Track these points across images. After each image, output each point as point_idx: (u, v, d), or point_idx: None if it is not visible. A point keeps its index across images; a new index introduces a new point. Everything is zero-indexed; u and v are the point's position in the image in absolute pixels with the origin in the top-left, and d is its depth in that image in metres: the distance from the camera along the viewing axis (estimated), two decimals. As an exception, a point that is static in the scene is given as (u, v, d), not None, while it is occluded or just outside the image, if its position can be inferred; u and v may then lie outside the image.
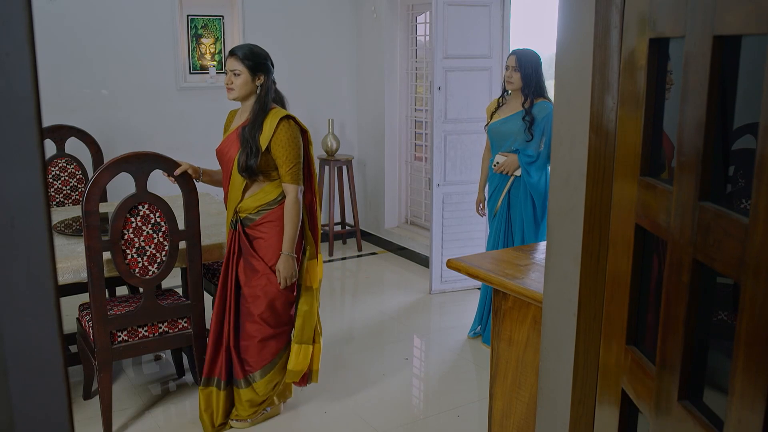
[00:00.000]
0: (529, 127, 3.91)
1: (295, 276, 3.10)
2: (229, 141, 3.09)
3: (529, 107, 3.93)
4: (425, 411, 3.52)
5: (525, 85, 3.91)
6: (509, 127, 3.98)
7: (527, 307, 2.16)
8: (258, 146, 2.96)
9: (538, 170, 3.92)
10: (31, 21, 0.55)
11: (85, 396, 3.49)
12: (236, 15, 5.71)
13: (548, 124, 3.83)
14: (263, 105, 3.02)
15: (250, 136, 2.97)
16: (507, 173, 3.97)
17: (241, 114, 3.14)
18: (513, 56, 3.94)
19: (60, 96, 5.00)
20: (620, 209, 1.29)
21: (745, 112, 0.97)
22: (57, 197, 4.32)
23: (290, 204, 3.04)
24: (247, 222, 3.08)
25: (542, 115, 3.91)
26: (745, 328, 0.84)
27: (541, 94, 3.95)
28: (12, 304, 0.57)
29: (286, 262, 3.06)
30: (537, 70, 3.92)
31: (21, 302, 0.58)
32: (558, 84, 1.53)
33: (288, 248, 3.06)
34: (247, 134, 2.98)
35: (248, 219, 3.08)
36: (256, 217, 3.07)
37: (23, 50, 0.55)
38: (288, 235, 3.05)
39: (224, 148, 3.09)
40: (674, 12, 1.05)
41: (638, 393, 1.19)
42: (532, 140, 3.90)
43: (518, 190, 3.98)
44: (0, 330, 0.57)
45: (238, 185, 3.05)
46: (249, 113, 3.04)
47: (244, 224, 3.09)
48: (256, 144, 2.96)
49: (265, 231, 3.07)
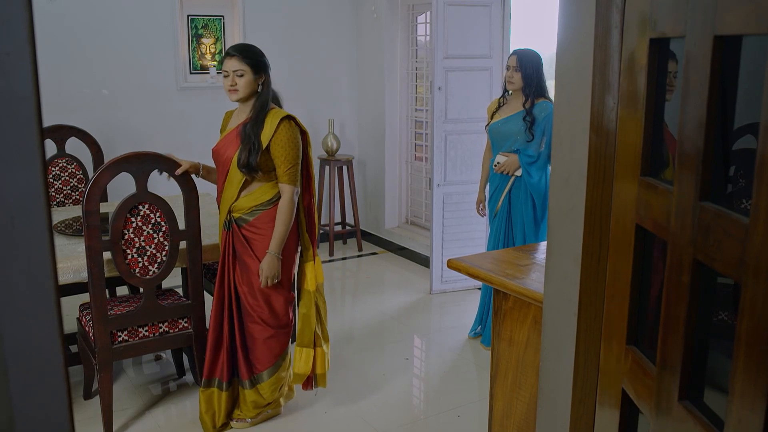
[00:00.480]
0: (529, 128, 3.90)
1: (278, 276, 3.06)
2: (227, 140, 3.08)
3: (530, 107, 3.92)
4: (425, 411, 3.52)
5: (526, 86, 3.90)
6: (510, 127, 3.97)
7: (528, 307, 2.16)
8: (260, 143, 2.95)
9: (538, 170, 3.91)
10: (31, 21, 0.55)
11: (85, 396, 3.49)
12: (236, 15, 5.71)
13: (549, 125, 3.82)
14: (264, 103, 3.01)
15: (252, 132, 2.96)
16: (508, 173, 3.97)
17: (238, 114, 3.13)
18: (514, 56, 3.93)
19: (60, 96, 5.00)
20: (621, 209, 1.29)
21: (746, 112, 0.97)
22: (57, 197, 4.32)
23: (285, 204, 3.01)
24: (240, 222, 3.06)
25: (543, 115, 3.90)
26: (746, 328, 0.84)
27: (541, 94, 3.94)
28: (12, 303, 0.57)
29: (270, 262, 3.02)
30: (538, 71, 3.92)
31: (21, 302, 0.58)
32: (558, 84, 1.53)
33: (275, 248, 3.02)
34: (249, 130, 2.97)
35: (242, 219, 3.06)
36: (250, 218, 3.05)
37: (24, 50, 0.55)
38: (278, 235, 3.02)
39: (222, 147, 3.08)
40: (675, 12, 1.05)
41: (639, 393, 1.19)
42: (532, 140, 3.89)
43: (519, 190, 3.97)
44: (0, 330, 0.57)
45: (235, 183, 3.02)
46: (250, 112, 3.02)
47: (238, 224, 3.07)
48: (258, 140, 2.95)
49: (261, 231, 3.05)
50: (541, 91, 3.93)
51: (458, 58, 4.95)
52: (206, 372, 3.15)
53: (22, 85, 0.55)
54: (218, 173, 3.15)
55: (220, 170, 3.11)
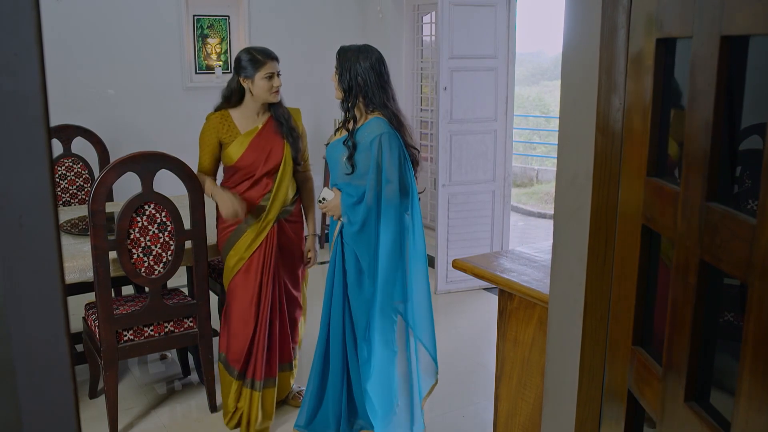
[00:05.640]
0: (350, 156, 2.79)
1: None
2: (267, 141, 3.11)
3: (352, 127, 2.81)
4: (430, 411, 3.51)
5: (346, 94, 2.81)
6: (335, 155, 2.88)
7: (533, 307, 2.16)
8: (297, 133, 3.18)
9: (362, 215, 2.78)
10: (39, 21, 0.55)
11: (90, 395, 3.50)
12: (242, 15, 5.72)
13: (383, 152, 2.73)
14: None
15: (288, 124, 3.15)
16: (333, 217, 2.94)
17: (248, 115, 3.14)
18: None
19: (66, 95, 5.02)
20: (627, 210, 1.29)
21: (753, 113, 0.97)
22: (63, 197, 4.34)
23: (312, 188, 3.34)
24: (284, 215, 3.19)
25: (369, 139, 2.75)
26: (753, 329, 0.84)
27: (376, 108, 2.79)
28: (20, 303, 0.58)
29: (314, 242, 3.33)
30: (363, 73, 2.77)
31: (29, 301, 0.58)
32: (564, 84, 1.53)
33: (314, 228, 3.34)
34: (286, 124, 3.14)
35: (285, 211, 3.20)
36: (291, 208, 3.23)
37: (31, 51, 0.55)
38: (312, 215, 3.34)
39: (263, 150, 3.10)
40: (681, 12, 1.05)
41: (644, 394, 1.19)
42: (352, 173, 2.79)
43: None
44: (8, 329, 0.57)
45: (288, 178, 3.18)
46: (270, 110, 3.15)
47: (284, 217, 3.19)
48: (296, 131, 3.18)
49: (298, 217, 3.29)
50: (373, 103, 2.78)
51: (463, 58, 4.94)
52: (264, 372, 3.19)
53: (30, 85, 0.56)
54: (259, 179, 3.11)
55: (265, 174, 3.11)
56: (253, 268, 3.13)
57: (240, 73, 3.08)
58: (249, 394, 3.18)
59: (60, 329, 0.59)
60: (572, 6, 1.47)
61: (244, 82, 3.08)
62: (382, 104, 2.78)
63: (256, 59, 3.05)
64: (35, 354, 0.59)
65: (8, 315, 0.57)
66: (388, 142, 2.73)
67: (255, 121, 3.14)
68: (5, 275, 0.57)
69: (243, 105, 3.13)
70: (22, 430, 0.59)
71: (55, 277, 0.59)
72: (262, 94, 3.07)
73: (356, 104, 2.80)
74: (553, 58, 16.69)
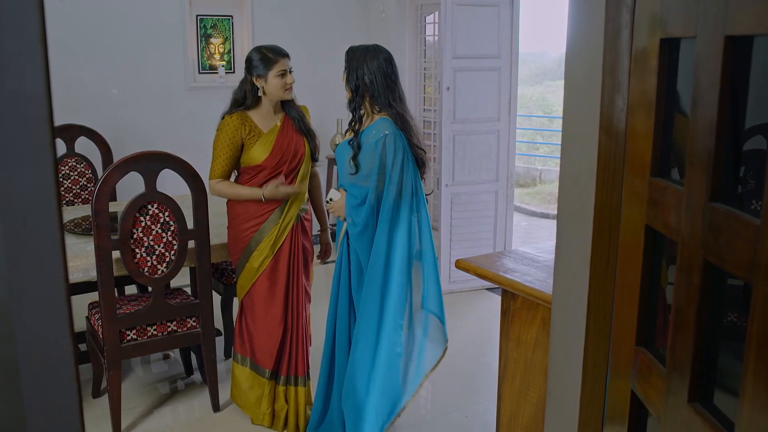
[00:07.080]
0: (354, 156, 2.80)
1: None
2: (289, 140, 3.11)
3: (358, 128, 2.84)
4: (432, 411, 3.51)
5: (353, 94, 2.82)
6: (342, 156, 2.90)
7: (536, 307, 2.16)
8: (312, 130, 3.22)
9: (365, 217, 2.78)
10: (43, 21, 0.56)
11: (94, 394, 3.50)
12: (245, 15, 5.73)
13: (387, 152, 2.74)
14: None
15: (304, 121, 3.18)
16: (339, 218, 2.94)
17: (265, 115, 3.11)
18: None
19: (70, 95, 5.03)
20: (630, 210, 1.29)
21: (756, 113, 0.96)
22: (67, 196, 4.34)
23: (320, 185, 3.43)
24: (302, 212, 3.21)
25: (374, 139, 2.76)
26: (757, 330, 0.83)
27: (382, 108, 2.80)
28: (24, 302, 0.58)
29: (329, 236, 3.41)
30: (370, 73, 2.78)
31: (33, 301, 0.58)
32: (568, 84, 1.53)
33: (327, 223, 3.41)
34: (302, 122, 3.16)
35: (302, 209, 3.21)
36: (307, 206, 3.25)
37: (36, 50, 0.55)
38: (324, 211, 3.36)
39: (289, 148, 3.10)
40: (685, 12, 1.04)
41: (648, 394, 1.19)
42: (356, 173, 2.80)
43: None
44: (12, 328, 0.57)
45: (308, 175, 3.21)
46: (284, 108, 3.16)
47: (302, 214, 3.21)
48: (311, 129, 3.21)
49: (309, 215, 3.31)
50: (379, 103, 2.79)
51: (467, 58, 4.94)
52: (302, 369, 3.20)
53: (34, 84, 0.56)
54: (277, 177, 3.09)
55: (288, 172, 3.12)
56: (280, 266, 3.12)
57: (252, 72, 3.03)
58: (294, 392, 3.19)
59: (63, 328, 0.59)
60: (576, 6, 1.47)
61: (257, 82, 3.03)
62: (387, 104, 2.78)
63: (267, 57, 3.01)
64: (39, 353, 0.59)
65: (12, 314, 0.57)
66: (393, 142, 2.73)
67: (273, 120, 3.11)
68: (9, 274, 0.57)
69: (260, 105, 3.09)
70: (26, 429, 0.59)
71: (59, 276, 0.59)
72: (276, 92, 3.04)
73: (363, 104, 2.82)
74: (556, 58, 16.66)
